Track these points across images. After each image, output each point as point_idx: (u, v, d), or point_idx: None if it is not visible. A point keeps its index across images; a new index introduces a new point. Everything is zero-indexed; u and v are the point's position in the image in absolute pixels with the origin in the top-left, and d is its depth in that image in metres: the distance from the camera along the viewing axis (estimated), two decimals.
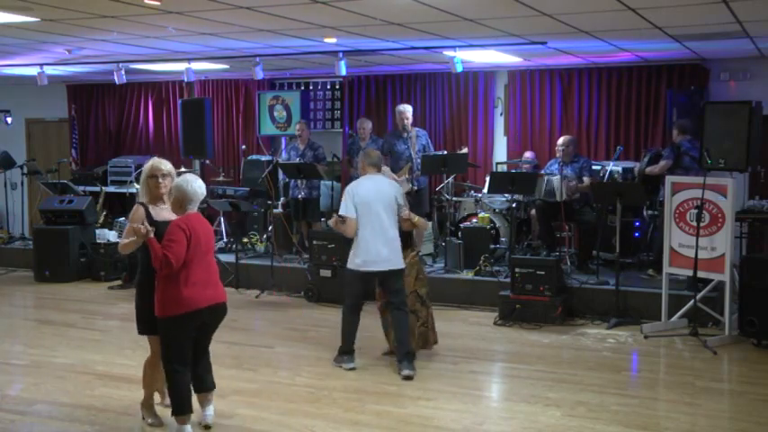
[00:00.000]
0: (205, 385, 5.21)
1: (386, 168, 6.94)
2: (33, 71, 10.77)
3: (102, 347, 7.25)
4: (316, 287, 9.10)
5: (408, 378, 6.15)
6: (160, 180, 5.07)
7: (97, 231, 10.96)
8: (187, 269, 4.82)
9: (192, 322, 4.89)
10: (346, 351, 6.51)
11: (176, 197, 4.90)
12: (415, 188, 9.44)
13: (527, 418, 5.38)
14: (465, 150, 10.11)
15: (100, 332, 7.86)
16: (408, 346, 6.32)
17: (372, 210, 6.24)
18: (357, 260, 6.30)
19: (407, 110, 9.96)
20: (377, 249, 6.23)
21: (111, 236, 10.83)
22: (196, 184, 4.90)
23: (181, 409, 4.97)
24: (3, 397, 5.90)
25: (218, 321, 5.15)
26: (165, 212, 5.10)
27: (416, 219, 6.44)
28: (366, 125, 10.30)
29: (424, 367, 6.54)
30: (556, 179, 8.96)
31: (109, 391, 5.98)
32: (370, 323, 7.05)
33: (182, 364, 4.94)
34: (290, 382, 6.20)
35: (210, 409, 5.25)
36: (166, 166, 5.17)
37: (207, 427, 5.20)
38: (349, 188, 6.40)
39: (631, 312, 7.98)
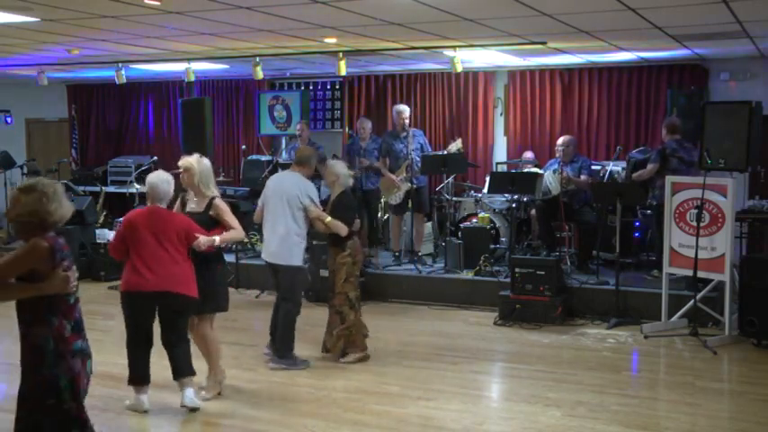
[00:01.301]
0: (177, 373, 5.50)
1: (333, 162, 6.97)
2: (33, 71, 10.77)
3: (102, 347, 7.20)
4: (316, 287, 9.10)
5: (274, 369, 6.43)
6: (180, 174, 5.71)
7: (97, 231, 10.95)
8: (131, 257, 5.33)
9: (132, 303, 5.39)
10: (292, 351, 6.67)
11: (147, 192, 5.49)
12: (414, 186, 9.44)
13: (527, 418, 5.38)
14: (458, 142, 10.09)
15: (100, 332, 7.84)
16: (278, 341, 6.53)
17: (270, 204, 6.51)
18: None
19: (406, 110, 9.96)
20: (268, 241, 6.57)
21: (111, 236, 10.81)
22: (155, 181, 5.39)
23: (130, 380, 5.53)
24: (3, 397, 5.91)
25: (168, 310, 5.39)
26: (191, 204, 5.74)
27: (328, 220, 6.43)
28: (366, 125, 10.30)
29: (424, 367, 6.54)
30: (548, 174, 8.96)
31: (109, 391, 5.97)
32: (370, 323, 7.04)
33: (131, 338, 5.51)
34: (290, 382, 6.20)
35: (188, 392, 5.44)
36: (184, 162, 5.74)
37: (192, 409, 5.39)
38: (267, 181, 6.82)
39: (631, 312, 7.98)
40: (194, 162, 5.70)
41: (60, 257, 3.55)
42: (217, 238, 5.48)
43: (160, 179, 5.42)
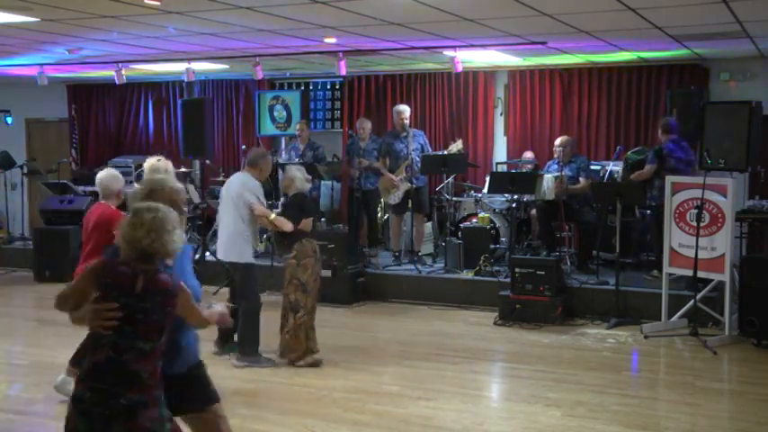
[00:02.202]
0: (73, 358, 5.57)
1: (289, 167, 7.06)
2: (33, 71, 10.77)
3: None
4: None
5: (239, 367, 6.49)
6: None
7: None
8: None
9: None
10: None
11: None
12: (414, 186, 9.45)
13: (527, 418, 5.38)
14: (459, 143, 10.10)
15: None
16: (240, 339, 6.61)
17: (222, 204, 6.79)
18: None
19: (405, 110, 9.96)
20: (219, 240, 6.83)
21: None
22: (99, 178, 5.61)
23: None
24: (3, 397, 5.91)
25: None
26: None
27: (272, 217, 6.51)
28: (366, 125, 10.31)
29: (424, 367, 6.54)
30: (547, 177, 8.95)
31: None
32: (370, 323, 7.05)
33: None
34: (290, 382, 6.20)
35: (61, 377, 5.62)
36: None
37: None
38: None
39: (631, 312, 7.98)
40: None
41: (103, 286, 3.15)
42: None
43: (105, 176, 5.62)
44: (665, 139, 8.52)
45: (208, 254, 10.09)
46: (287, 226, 6.47)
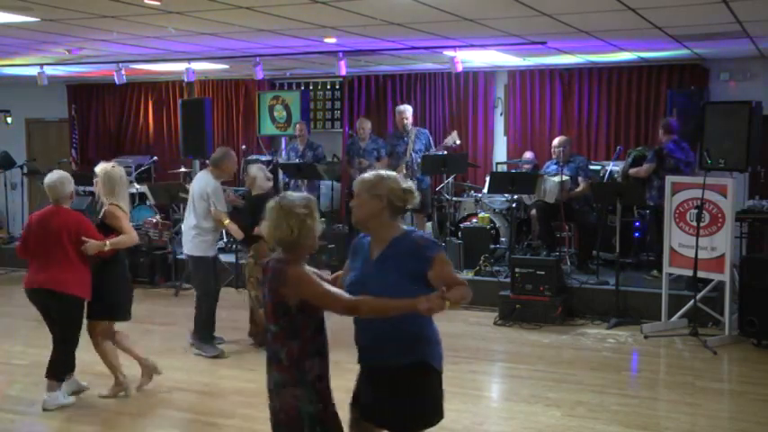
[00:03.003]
0: (47, 370, 5.54)
1: (251, 166, 7.43)
2: (33, 71, 10.77)
3: None
4: None
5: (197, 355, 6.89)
6: None
7: None
8: (30, 256, 5.51)
9: (30, 299, 5.53)
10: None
11: None
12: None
13: (527, 418, 5.38)
14: (454, 134, 10.07)
15: None
16: (195, 328, 7.03)
17: (188, 202, 7.20)
18: None
19: (407, 110, 9.96)
20: (182, 235, 7.26)
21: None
22: (48, 181, 5.56)
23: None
24: (3, 397, 5.91)
25: (53, 309, 5.45)
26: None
27: (226, 222, 6.91)
28: (365, 125, 10.31)
29: None
30: (551, 181, 8.94)
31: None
32: None
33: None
34: None
35: (46, 395, 5.50)
36: (97, 168, 5.84)
37: (44, 409, 5.48)
38: None
39: (631, 312, 7.97)
40: (100, 170, 5.81)
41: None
42: (107, 243, 5.50)
43: (55, 179, 5.55)
44: (666, 140, 8.52)
45: None
46: (237, 234, 6.95)
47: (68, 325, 5.48)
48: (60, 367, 5.54)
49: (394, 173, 3.56)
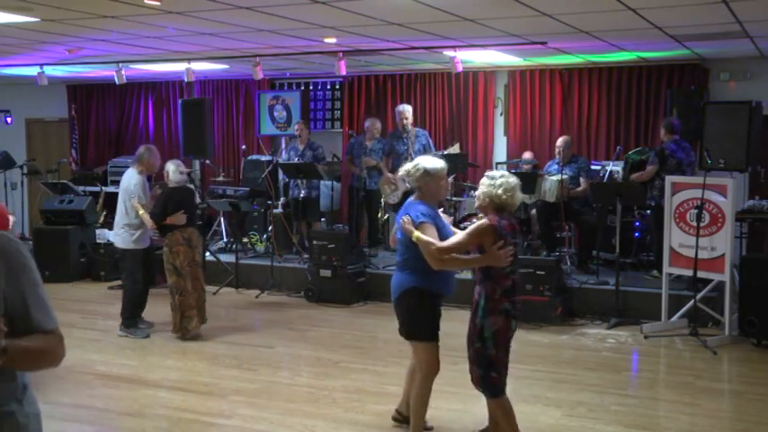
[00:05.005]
0: None
1: (168, 162, 7.71)
2: (33, 71, 10.77)
3: (102, 347, 7.25)
4: (316, 287, 9.10)
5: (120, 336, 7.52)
6: None
7: (97, 231, 10.95)
8: None
9: None
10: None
11: None
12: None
13: (527, 418, 5.37)
14: (456, 147, 10.08)
15: (100, 332, 7.86)
16: (122, 312, 7.66)
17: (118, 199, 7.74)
18: None
19: (407, 110, 9.96)
20: (113, 229, 7.84)
21: (111, 236, 10.82)
22: None
23: None
24: None
25: None
26: None
27: (141, 212, 7.34)
28: (377, 125, 10.39)
29: None
30: (550, 180, 8.93)
31: (109, 391, 5.98)
32: (370, 323, 7.05)
33: None
34: (290, 382, 6.20)
35: None
36: None
37: None
38: None
39: (631, 312, 7.98)
40: None
41: (501, 236, 4.37)
42: None
43: None
44: (668, 140, 8.52)
45: (208, 254, 10.10)
46: (148, 223, 7.38)
47: None
48: None
49: None
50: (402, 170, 4.87)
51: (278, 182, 10.93)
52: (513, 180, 4.58)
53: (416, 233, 4.51)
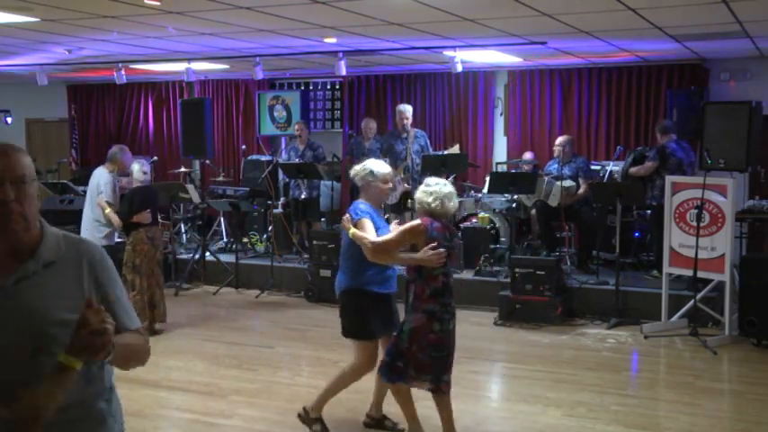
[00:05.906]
0: None
1: (134, 164, 7.75)
2: (33, 71, 10.76)
3: None
4: (316, 287, 9.10)
5: None
6: None
7: None
8: None
9: None
10: None
11: None
12: (414, 188, 9.43)
13: (527, 418, 5.38)
14: (456, 148, 10.07)
15: None
16: None
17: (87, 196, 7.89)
18: None
19: (407, 110, 9.96)
20: (82, 226, 7.86)
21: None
22: None
23: None
24: None
25: None
26: None
27: (107, 211, 7.51)
28: (372, 125, 10.36)
29: None
30: (556, 186, 8.91)
31: None
32: None
33: None
34: (290, 382, 6.20)
35: None
36: None
37: None
38: None
39: (631, 312, 7.97)
40: None
41: (432, 238, 4.49)
42: None
43: None
44: (666, 139, 8.52)
45: (208, 254, 10.10)
46: (116, 222, 7.48)
47: None
48: None
49: None
50: (352, 170, 5.02)
51: (278, 182, 10.93)
52: (447, 189, 4.70)
53: (352, 229, 4.69)
